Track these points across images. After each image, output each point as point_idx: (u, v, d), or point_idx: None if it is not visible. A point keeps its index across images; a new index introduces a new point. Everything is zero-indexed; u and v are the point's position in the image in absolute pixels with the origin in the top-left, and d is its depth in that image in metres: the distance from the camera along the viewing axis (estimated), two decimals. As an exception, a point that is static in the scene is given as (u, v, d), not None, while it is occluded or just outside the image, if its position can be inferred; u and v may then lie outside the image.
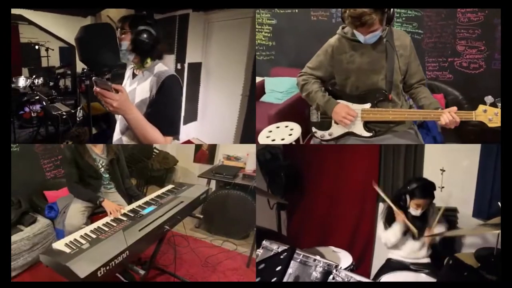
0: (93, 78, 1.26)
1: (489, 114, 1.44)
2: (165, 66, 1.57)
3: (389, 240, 1.93)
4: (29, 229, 2.14)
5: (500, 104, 1.39)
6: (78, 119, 3.16)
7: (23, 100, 3.30)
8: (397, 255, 1.97)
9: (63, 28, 3.81)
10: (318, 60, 1.78)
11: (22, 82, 3.38)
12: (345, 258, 1.93)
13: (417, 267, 1.88)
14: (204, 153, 3.79)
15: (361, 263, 2.36)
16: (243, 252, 2.67)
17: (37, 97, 3.29)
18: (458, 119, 1.47)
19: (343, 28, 1.73)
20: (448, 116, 1.47)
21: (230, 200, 2.81)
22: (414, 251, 1.92)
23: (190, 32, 3.45)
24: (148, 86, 1.49)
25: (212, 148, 3.67)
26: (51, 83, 3.97)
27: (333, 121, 1.80)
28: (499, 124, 1.40)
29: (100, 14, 3.84)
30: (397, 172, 2.34)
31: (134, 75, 1.61)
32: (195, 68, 3.67)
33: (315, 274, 1.53)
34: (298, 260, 1.58)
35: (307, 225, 2.63)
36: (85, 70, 1.68)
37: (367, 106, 1.70)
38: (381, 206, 2.37)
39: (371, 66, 1.67)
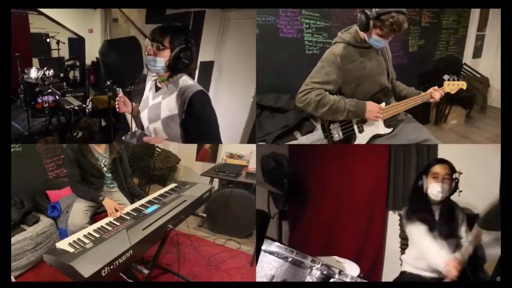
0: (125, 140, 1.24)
1: (450, 87, 1.89)
2: (190, 79, 1.49)
3: None
4: (32, 229, 2.13)
5: (450, 79, 1.91)
6: (87, 110, 3.20)
7: (35, 90, 3.35)
8: (415, 266, 1.67)
9: (73, 19, 3.81)
10: (324, 73, 1.65)
11: (34, 73, 3.43)
12: (351, 269, 1.72)
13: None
14: (207, 152, 3.79)
15: (370, 277, 2.18)
16: (246, 250, 2.66)
17: (50, 90, 3.36)
18: (442, 92, 1.84)
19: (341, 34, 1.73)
20: (439, 92, 1.82)
21: (233, 198, 2.79)
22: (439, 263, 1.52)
23: (204, 29, 3.38)
24: (174, 103, 1.42)
25: (215, 146, 3.64)
26: (62, 75, 3.99)
27: (356, 131, 1.79)
28: (454, 90, 1.90)
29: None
30: (408, 175, 2.18)
31: (157, 87, 1.53)
32: (207, 67, 3.60)
33: (310, 279, 1.25)
34: (290, 259, 1.28)
35: (311, 235, 2.48)
36: (108, 84, 1.68)
37: (383, 105, 1.76)
38: (391, 214, 2.25)
39: (379, 68, 1.75)
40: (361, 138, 1.80)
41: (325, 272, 1.27)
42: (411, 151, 2.19)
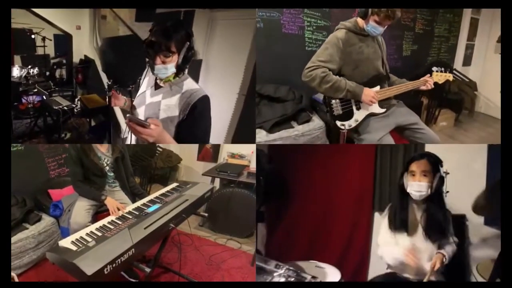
0: (128, 116, 1.19)
1: (437, 77, 2.06)
2: (194, 82, 1.45)
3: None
4: (34, 227, 2.14)
5: (438, 71, 2.06)
6: (76, 110, 3.07)
7: (19, 90, 3.17)
8: (401, 270, 1.60)
9: (59, 15, 3.66)
10: (328, 54, 1.84)
11: (16, 72, 3.24)
12: (332, 275, 1.65)
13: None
14: (208, 151, 3.76)
15: (355, 280, 2.12)
16: (247, 250, 2.64)
17: (35, 90, 3.19)
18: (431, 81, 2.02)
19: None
20: (432, 81, 2.00)
21: (234, 198, 2.77)
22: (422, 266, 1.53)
23: (194, 29, 3.36)
24: (176, 105, 1.38)
25: (216, 146, 3.62)
26: (47, 73, 3.83)
27: (354, 108, 1.96)
28: (442, 81, 2.05)
29: (100, 4, 3.72)
30: (394, 175, 2.12)
31: (156, 85, 1.48)
32: (195, 66, 3.59)
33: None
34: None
35: (291, 239, 2.37)
36: (108, 83, 1.61)
37: (378, 88, 1.95)
38: (377, 216, 2.20)
39: (375, 54, 1.94)
40: (358, 115, 1.97)
41: (291, 279, 1.23)
42: (398, 151, 2.15)
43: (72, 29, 3.85)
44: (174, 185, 2.19)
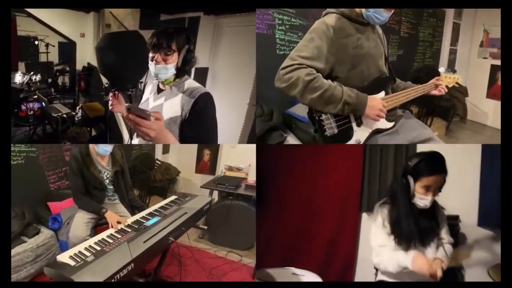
0: (127, 105, 1.13)
1: (447, 80, 1.78)
2: (195, 81, 1.45)
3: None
4: (32, 240, 2.11)
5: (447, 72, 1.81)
6: (77, 119, 3.04)
7: (19, 97, 3.16)
8: (391, 276, 1.43)
9: (64, 22, 3.70)
10: (314, 47, 1.32)
11: (18, 78, 3.24)
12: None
13: None
14: (206, 164, 3.82)
15: None
16: (248, 263, 2.59)
17: (35, 96, 3.17)
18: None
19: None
20: (444, 84, 1.69)
21: (233, 210, 2.78)
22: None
23: (199, 36, 3.37)
24: (178, 104, 1.36)
25: (214, 159, 3.71)
26: (49, 80, 3.82)
27: (354, 124, 1.43)
28: (451, 84, 1.79)
29: (104, 10, 3.74)
30: (384, 176, 1.98)
31: (159, 90, 1.48)
32: (201, 74, 3.58)
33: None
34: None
35: (271, 243, 2.18)
36: (106, 86, 1.54)
37: (383, 95, 1.46)
38: (364, 216, 2.05)
39: (376, 49, 1.47)
40: (360, 133, 1.44)
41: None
42: (388, 151, 2.01)
43: (76, 36, 3.89)
44: (173, 197, 2.18)
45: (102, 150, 1.86)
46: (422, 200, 1.35)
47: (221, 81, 3.53)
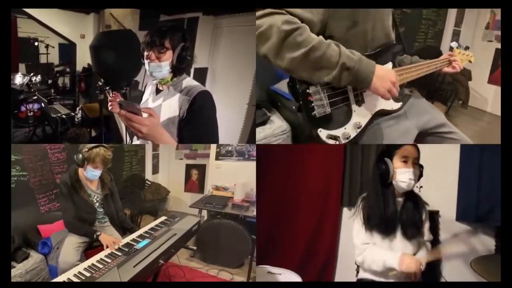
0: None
1: (460, 56, 1.58)
2: (194, 80, 1.43)
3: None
4: (21, 265, 2.07)
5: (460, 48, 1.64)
6: (77, 120, 3.04)
7: (19, 98, 3.14)
8: (374, 274, 1.35)
9: (64, 24, 3.70)
10: None
11: (19, 79, 3.23)
12: (288, 280, 1.48)
13: None
14: (194, 183, 4.00)
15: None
16: (240, 281, 2.55)
17: (35, 97, 3.17)
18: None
19: None
20: (459, 61, 1.49)
21: (222, 229, 2.81)
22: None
23: (198, 36, 3.35)
24: (176, 104, 1.35)
25: (202, 178, 3.92)
26: (49, 81, 3.83)
27: (353, 102, 1.11)
28: (464, 61, 1.60)
29: (104, 11, 3.73)
30: (367, 167, 1.92)
31: (158, 90, 1.47)
32: (201, 74, 3.56)
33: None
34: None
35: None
36: (100, 84, 1.53)
37: (389, 66, 1.18)
38: (345, 211, 1.99)
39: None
40: (360, 115, 1.11)
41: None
42: (370, 148, 1.93)
43: (77, 38, 3.89)
44: (162, 218, 2.18)
45: (90, 175, 1.87)
46: (405, 174, 1.27)
47: (220, 81, 3.51)
